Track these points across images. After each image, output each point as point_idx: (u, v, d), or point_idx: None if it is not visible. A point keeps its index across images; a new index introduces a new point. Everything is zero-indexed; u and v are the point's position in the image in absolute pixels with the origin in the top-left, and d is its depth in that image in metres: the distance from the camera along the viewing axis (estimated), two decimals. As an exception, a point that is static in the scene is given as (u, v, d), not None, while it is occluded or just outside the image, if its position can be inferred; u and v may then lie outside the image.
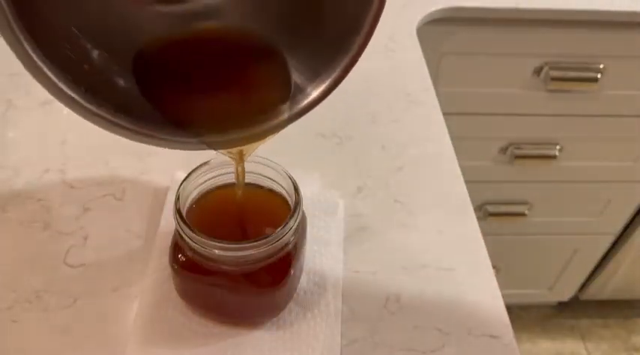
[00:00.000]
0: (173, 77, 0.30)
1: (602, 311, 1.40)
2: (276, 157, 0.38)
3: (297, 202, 0.35)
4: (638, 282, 1.26)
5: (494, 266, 0.44)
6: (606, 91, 0.88)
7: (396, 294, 0.41)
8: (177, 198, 0.35)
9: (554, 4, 0.76)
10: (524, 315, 1.38)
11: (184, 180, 0.36)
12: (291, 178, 0.36)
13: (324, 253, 0.43)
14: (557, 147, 0.96)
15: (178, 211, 0.34)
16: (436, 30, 0.76)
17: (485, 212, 1.05)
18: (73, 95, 0.24)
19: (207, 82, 0.30)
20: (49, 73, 0.24)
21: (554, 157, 0.96)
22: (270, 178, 0.38)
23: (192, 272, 0.35)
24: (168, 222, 0.45)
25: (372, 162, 0.52)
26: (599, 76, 0.84)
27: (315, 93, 0.29)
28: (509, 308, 0.41)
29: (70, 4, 0.26)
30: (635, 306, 1.40)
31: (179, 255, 0.36)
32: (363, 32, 0.28)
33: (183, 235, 0.34)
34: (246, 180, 0.38)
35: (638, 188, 1.04)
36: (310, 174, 0.49)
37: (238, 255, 0.33)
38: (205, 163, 0.37)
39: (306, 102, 0.29)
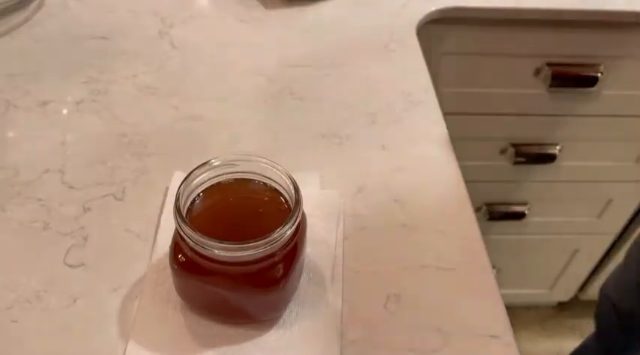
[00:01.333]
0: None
1: (602, 311, 1.40)
2: (276, 157, 0.38)
3: (297, 202, 0.35)
4: (638, 282, 1.26)
5: (494, 266, 0.44)
6: (606, 91, 0.88)
7: (396, 294, 0.41)
8: (177, 198, 0.35)
9: (554, 4, 0.76)
10: (524, 315, 1.38)
11: (184, 180, 0.36)
12: (291, 178, 0.36)
13: (324, 253, 0.43)
14: (557, 147, 0.96)
15: (178, 211, 0.34)
16: (436, 30, 0.76)
17: (485, 212, 1.05)
18: None
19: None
20: None
21: (554, 157, 0.96)
22: (270, 178, 0.38)
23: (192, 272, 0.35)
24: (168, 222, 0.45)
25: (372, 162, 0.52)
26: (599, 76, 0.84)
27: None
28: (509, 308, 0.41)
29: None
30: (635, 306, 1.40)
31: (179, 255, 0.36)
32: None
33: (183, 235, 0.34)
34: (247, 180, 0.38)
35: (638, 188, 1.04)
36: (310, 174, 0.49)
37: (238, 255, 0.33)
38: (205, 163, 0.37)
39: None
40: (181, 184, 0.35)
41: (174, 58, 0.63)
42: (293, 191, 0.36)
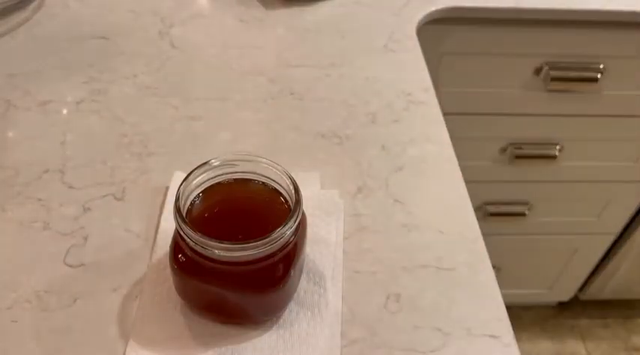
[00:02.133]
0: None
1: (602, 311, 1.40)
2: (276, 157, 0.38)
3: (297, 202, 0.35)
4: (638, 282, 1.26)
5: (494, 266, 0.44)
6: (606, 91, 0.88)
7: (396, 294, 0.41)
8: (177, 198, 0.35)
9: (554, 4, 0.76)
10: (524, 315, 1.38)
11: (184, 180, 0.36)
12: (291, 178, 0.36)
13: (324, 253, 0.43)
14: (557, 147, 0.96)
15: (178, 211, 0.34)
16: (436, 30, 0.76)
17: (486, 212, 1.05)
18: None
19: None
20: None
21: (554, 157, 0.96)
22: (271, 178, 0.38)
23: (192, 272, 0.35)
24: (168, 222, 0.45)
25: (372, 162, 0.52)
26: (599, 76, 0.84)
27: None
28: (509, 308, 0.41)
29: None
30: (635, 306, 1.40)
31: (179, 255, 0.36)
32: None
33: (183, 235, 0.34)
34: (247, 180, 0.38)
35: (638, 188, 1.04)
36: (310, 174, 0.49)
37: (238, 255, 0.33)
38: (205, 163, 0.37)
39: None
40: (181, 184, 0.35)
41: (174, 58, 0.63)
42: (293, 191, 0.36)
